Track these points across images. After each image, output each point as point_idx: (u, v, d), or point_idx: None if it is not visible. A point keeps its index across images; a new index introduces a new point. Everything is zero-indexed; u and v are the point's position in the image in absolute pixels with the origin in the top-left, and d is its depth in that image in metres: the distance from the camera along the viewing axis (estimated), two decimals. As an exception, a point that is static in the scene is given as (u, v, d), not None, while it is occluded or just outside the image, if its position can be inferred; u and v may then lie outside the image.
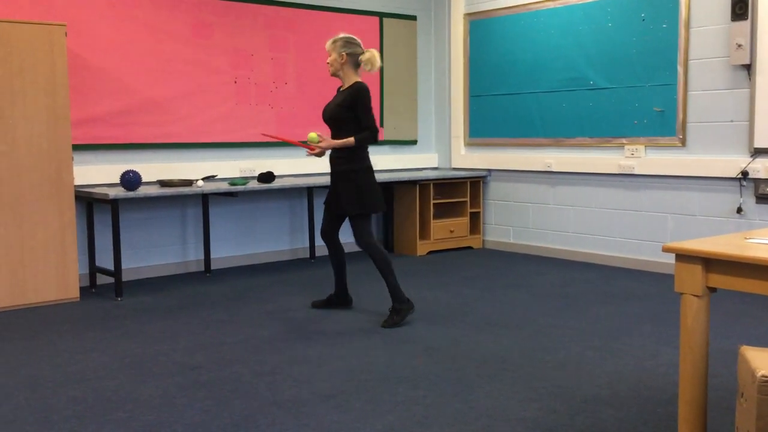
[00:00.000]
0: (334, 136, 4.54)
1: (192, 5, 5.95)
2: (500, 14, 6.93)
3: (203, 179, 5.74)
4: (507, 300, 5.03)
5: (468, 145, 7.36)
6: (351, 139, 4.42)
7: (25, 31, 4.81)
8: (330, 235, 4.69)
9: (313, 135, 4.60)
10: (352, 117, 4.43)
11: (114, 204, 5.06)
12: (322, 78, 6.71)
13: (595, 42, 6.21)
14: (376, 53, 4.54)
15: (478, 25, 7.13)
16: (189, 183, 5.48)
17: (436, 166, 7.66)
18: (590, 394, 3.24)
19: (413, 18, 7.38)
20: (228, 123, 6.16)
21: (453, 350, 3.90)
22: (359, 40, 4.56)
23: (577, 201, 6.49)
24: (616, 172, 6.14)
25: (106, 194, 5.00)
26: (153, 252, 5.95)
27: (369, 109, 4.44)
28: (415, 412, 3.06)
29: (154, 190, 5.20)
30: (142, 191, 5.15)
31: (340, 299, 4.84)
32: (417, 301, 4.98)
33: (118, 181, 5.50)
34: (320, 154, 4.60)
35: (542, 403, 3.15)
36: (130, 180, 5.14)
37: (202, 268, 6.17)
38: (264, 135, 5.19)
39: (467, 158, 7.34)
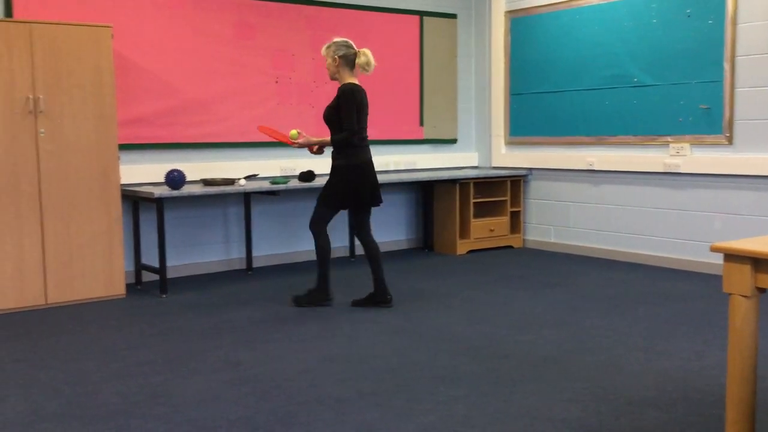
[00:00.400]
0: (330, 134, 4.81)
1: (235, 6, 6.02)
2: (542, 11, 6.87)
3: (245, 178, 5.80)
4: (548, 300, 4.99)
5: (508, 143, 7.31)
6: (327, 139, 4.79)
7: (73, 32, 4.92)
8: (356, 230, 4.92)
9: (293, 132, 4.90)
10: (339, 118, 4.64)
11: (159, 203, 5.14)
12: (361, 78, 6.72)
13: (640, 38, 6.12)
14: (369, 53, 4.69)
15: (520, 22, 7.08)
16: (231, 182, 5.55)
17: (476, 165, 7.63)
18: (635, 396, 3.20)
19: (453, 16, 7.35)
20: (269, 122, 6.21)
21: (494, 350, 3.88)
22: (351, 42, 4.71)
23: (620, 200, 6.40)
24: (661, 171, 6.04)
25: (152, 193, 5.09)
26: (196, 250, 6.04)
27: (350, 110, 4.59)
28: (456, 411, 3.05)
29: (198, 189, 5.27)
30: (186, 190, 5.22)
31: (378, 296, 4.85)
32: (457, 301, 4.97)
33: (162, 180, 5.60)
34: (319, 152, 4.95)
35: (585, 404, 3.12)
36: (175, 179, 5.23)
37: (244, 266, 6.24)
38: (260, 128, 5.21)
39: (508, 157, 7.29)
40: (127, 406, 3.15)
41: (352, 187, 4.70)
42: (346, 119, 4.58)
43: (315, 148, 4.90)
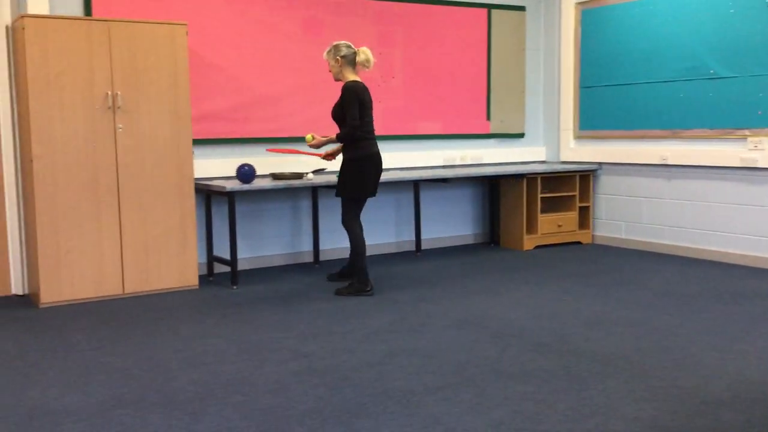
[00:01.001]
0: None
1: (304, 3, 6.09)
2: (614, 2, 6.72)
3: (313, 172, 5.87)
4: (620, 297, 4.89)
5: (578, 137, 7.19)
6: (333, 136, 5.06)
7: (149, 30, 5.07)
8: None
9: (308, 136, 5.14)
10: (345, 114, 4.92)
11: (230, 196, 5.26)
12: (428, 72, 6.73)
13: (716, 29, 5.92)
14: (368, 51, 5.03)
15: (590, 14, 6.94)
16: (300, 176, 5.63)
17: (543, 159, 7.53)
18: (710, 396, 3.11)
19: (522, 9, 7.27)
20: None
21: (563, 346, 3.83)
22: (350, 43, 5.04)
23: (695, 195, 6.22)
24: (738, 166, 5.85)
25: (223, 187, 5.21)
26: (265, 242, 6.15)
27: (353, 105, 4.87)
28: (526, 407, 3.03)
29: (268, 183, 5.37)
30: (256, 184, 5.32)
31: (360, 284, 5.09)
32: (524, 296, 4.93)
33: (233, 174, 5.72)
34: (330, 158, 5.30)
35: (659, 403, 3.05)
36: (246, 173, 5.33)
37: (312, 259, 6.33)
38: (270, 150, 5.59)
39: (577, 151, 7.18)
40: (202, 393, 3.24)
41: (364, 177, 4.99)
42: (349, 114, 4.87)
43: (324, 153, 5.28)
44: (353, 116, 4.87)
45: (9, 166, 5.18)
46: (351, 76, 4.99)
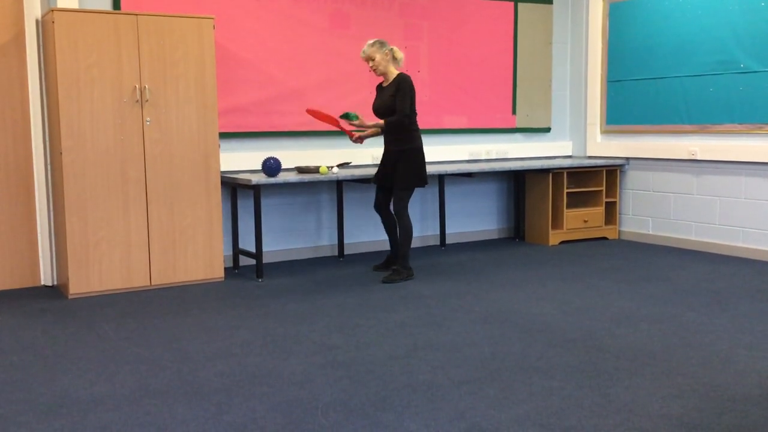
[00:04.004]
0: None
1: (330, -4, 6.10)
2: (642, -4, 6.65)
3: (338, 166, 5.88)
4: (647, 293, 4.85)
5: (605, 132, 7.12)
6: (381, 122, 5.23)
7: (177, 24, 5.10)
8: (383, 207, 5.47)
9: (353, 113, 5.31)
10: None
11: (256, 189, 5.28)
12: (454, 66, 6.70)
13: (747, 23, 5.83)
14: (398, 49, 5.30)
15: (619, 7, 6.87)
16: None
17: (569, 154, 7.47)
18: (739, 393, 3.08)
19: (549, 2, 7.21)
20: (362, 111, 6.25)
21: (589, 342, 3.81)
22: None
23: (724, 191, 6.14)
24: (769, 161, 5.77)
25: (249, 180, 5.24)
26: (291, 236, 6.18)
27: (407, 96, 5.06)
28: (551, 402, 3.02)
29: (293, 177, 5.39)
30: (282, 177, 5.35)
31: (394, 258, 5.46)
32: (549, 291, 4.90)
33: (259, 167, 5.75)
34: (359, 141, 5.42)
35: (686, 400, 3.02)
36: (271, 167, 5.35)
37: (336, 253, 6.34)
38: (309, 111, 5.41)
39: (603, 146, 7.11)
40: (228, 385, 3.27)
41: (422, 166, 5.21)
42: (402, 104, 5.04)
43: (356, 135, 5.39)
44: (406, 107, 5.05)
45: (39, 159, 5.25)
46: (395, 71, 5.20)
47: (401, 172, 5.18)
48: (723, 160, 6.10)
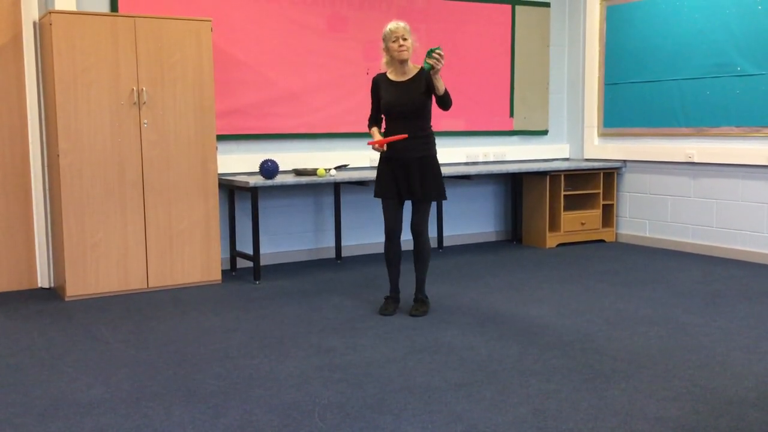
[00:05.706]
0: (413, 127, 4.31)
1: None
2: (639, -1, 6.66)
3: (336, 168, 5.88)
4: (644, 296, 4.85)
5: (602, 135, 7.13)
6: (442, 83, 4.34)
7: (174, 26, 5.10)
8: (398, 232, 4.46)
9: (427, 64, 4.28)
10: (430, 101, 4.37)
11: (254, 192, 5.28)
12: (452, 69, 6.71)
13: (744, 26, 5.84)
14: None
15: (616, 10, 6.88)
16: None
17: (567, 156, 7.48)
18: (735, 396, 3.08)
19: (547, 5, 7.22)
20: (360, 114, 6.26)
21: (586, 345, 3.81)
22: None
23: (721, 194, 6.15)
24: (765, 164, 5.77)
25: (247, 182, 5.24)
26: (288, 238, 6.18)
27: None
28: (548, 405, 3.02)
29: (290, 179, 5.39)
30: (279, 180, 5.35)
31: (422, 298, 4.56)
32: (546, 294, 4.91)
33: (257, 169, 5.75)
34: (382, 148, 4.27)
35: (683, 403, 3.03)
36: (269, 169, 5.35)
37: (334, 255, 6.34)
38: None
39: (601, 149, 7.12)
40: (225, 387, 3.27)
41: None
42: (442, 86, 4.34)
43: (380, 142, 4.27)
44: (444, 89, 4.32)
45: (36, 161, 5.25)
46: (412, 65, 4.52)
47: (430, 182, 4.32)
48: (720, 162, 6.11)
